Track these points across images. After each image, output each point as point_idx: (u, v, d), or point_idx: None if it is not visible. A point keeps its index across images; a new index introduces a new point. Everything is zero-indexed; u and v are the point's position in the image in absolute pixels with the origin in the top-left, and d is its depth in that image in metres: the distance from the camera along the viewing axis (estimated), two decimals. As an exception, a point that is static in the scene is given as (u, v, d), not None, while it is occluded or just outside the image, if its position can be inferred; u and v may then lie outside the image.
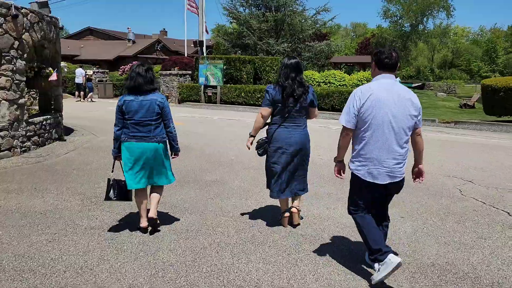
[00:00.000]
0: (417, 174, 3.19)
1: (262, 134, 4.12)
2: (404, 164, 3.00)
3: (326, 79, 20.07)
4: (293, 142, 3.90)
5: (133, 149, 3.83)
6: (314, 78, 20.32)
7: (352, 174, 3.09)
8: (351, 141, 3.09)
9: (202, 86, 20.40)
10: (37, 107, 10.39)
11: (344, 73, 21.29)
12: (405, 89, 2.97)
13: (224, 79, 20.45)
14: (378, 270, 2.96)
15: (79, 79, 20.74)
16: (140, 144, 3.81)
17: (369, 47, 50.24)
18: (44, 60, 8.86)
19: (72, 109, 16.40)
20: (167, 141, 4.02)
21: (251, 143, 4.11)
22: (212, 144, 9.05)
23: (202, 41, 22.45)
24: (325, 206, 4.99)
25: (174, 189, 5.51)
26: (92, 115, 14.31)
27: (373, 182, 2.97)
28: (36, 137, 7.99)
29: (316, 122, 13.58)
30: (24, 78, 7.60)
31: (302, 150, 3.97)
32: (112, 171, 4.13)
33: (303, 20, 25.18)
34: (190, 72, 22.32)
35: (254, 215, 4.63)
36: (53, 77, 8.34)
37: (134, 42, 42.05)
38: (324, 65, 28.56)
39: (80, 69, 21.31)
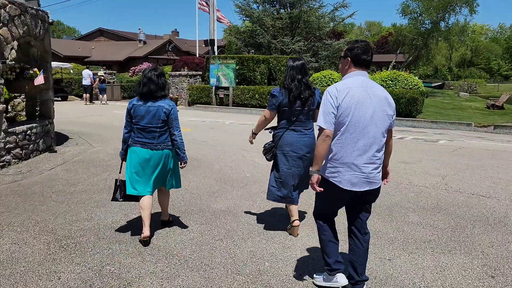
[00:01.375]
0: (383, 175, 2.93)
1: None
2: (381, 169, 2.78)
3: (346, 79, 18.64)
4: (302, 146, 3.81)
5: (137, 154, 3.78)
6: (333, 78, 18.94)
7: (326, 180, 2.73)
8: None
9: (213, 88, 19.21)
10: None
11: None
12: (379, 87, 2.73)
13: (237, 80, 19.22)
14: (323, 278, 3.01)
15: (86, 81, 19.72)
16: (144, 150, 3.76)
17: (386, 46, 48.62)
18: (31, 59, 7.72)
19: (74, 113, 15.40)
20: (174, 149, 3.89)
21: (254, 139, 4.26)
22: (222, 156, 7.78)
23: (213, 39, 21.25)
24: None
25: (173, 225, 4.25)
26: (93, 120, 13.20)
27: (351, 190, 2.68)
28: (18, 150, 6.84)
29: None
30: (2, 81, 6.45)
31: (310, 153, 3.78)
32: (120, 172, 4.12)
33: (320, 17, 23.75)
34: (200, 72, 21.15)
35: (281, 270, 3.32)
36: (39, 80, 7.18)
37: (145, 42, 41.45)
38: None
39: (87, 70, 20.29)
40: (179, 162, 3.97)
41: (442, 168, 7.03)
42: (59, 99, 22.41)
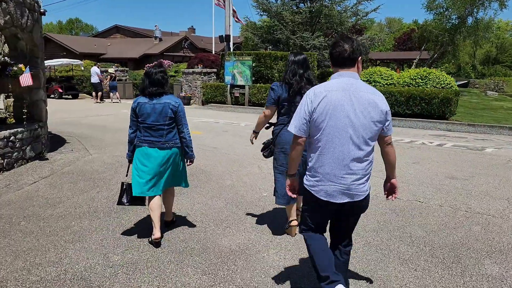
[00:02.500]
0: (390, 190, 2.69)
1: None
2: (367, 180, 2.46)
3: (371, 77, 17.32)
4: None
5: (144, 154, 3.68)
6: (356, 76, 17.63)
7: (306, 190, 2.51)
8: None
9: (229, 86, 18.13)
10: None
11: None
12: (368, 89, 2.40)
13: (253, 78, 18.10)
14: None
15: (94, 78, 18.91)
16: (152, 149, 3.66)
17: (408, 43, 46.68)
18: (19, 54, 6.76)
19: (81, 112, 14.54)
20: (182, 146, 3.80)
21: (255, 138, 4.08)
22: (236, 167, 6.67)
23: (229, 35, 20.16)
24: None
25: (164, 273, 3.16)
26: (98, 121, 12.27)
27: (329, 201, 2.43)
28: (-2, 159, 5.88)
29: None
30: (-23, 79, 5.50)
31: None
32: (127, 175, 3.98)
33: (342, 11, 22.37)
34: (215, 70, 20.11)
35: None
36: (25, 79, 6.19)
37: (160, 39, 40.87)
38: (362, 61, 25.73)
39: (95, 67, 19.46)
40: (186, 160, 3.90)
41: (503, 186, 5.76)
42: (70, 97, 21.75)
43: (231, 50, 20.16)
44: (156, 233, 3.60)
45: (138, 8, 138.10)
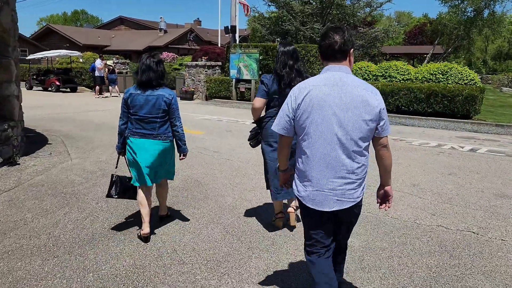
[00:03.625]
0: (383, 197, 2.39)
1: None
2: (359, 185, 2.21)
3: (386, 72, 16.16)
4: None
5: (136, 146, 3.55)
6: (370, 71, 16.48)
7: (297, 197, 2.31)
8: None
9: (234, 80, 17.04)
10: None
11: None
12: (359, 84, 2.13)
13: (260, 72, 16.97)
14: None
15: (98, 71, 17.82)
16: (143, 140, 3.54)
17: (419, 37, 45.07)
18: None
19: (77, 106, 13.46)
20: (174, 140, 3.70)
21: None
22: (239, 179, 5.61)
23: (235, 26, 18.99)
24: None
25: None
26: (91, 117, 11.25)
27: (316, 210, 2.20)
28: (-48, 167, 4.87)
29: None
30: None
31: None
32: (116, 167, 3.98)
33: (354, 1, 21.10)
34: (220, 63, 19.01)
35: None
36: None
37: (165, 31, 39.92)
38: (375, 55, 24.38)
39: (99, 60, 18.37)
40: (179, 154, 3.81)
41: None
42: (68, 90, 20.79)
43: (237, 42, 19.01)
44: (146, 229, 3.57)
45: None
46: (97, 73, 17.98)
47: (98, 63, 18.01)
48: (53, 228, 3.79)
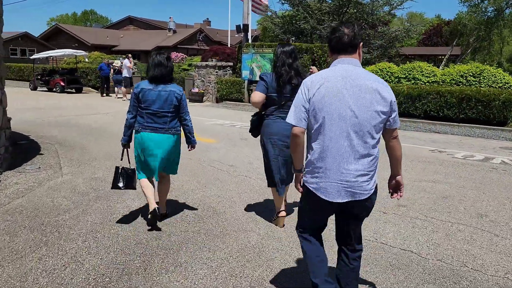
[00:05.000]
0: (394, 187, 2.47)
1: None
2: (371, 177, 2.21)
3: (409, 74, 15.04)
4: (289, 134, 2.97)
5: (147, 139, 3.67)
6: (392, 72, 15.37)
7: (304, 186, 2.34)
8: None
9: (246, 82, 16.05)
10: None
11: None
12: (370, 77, 2.17)
13: (275, 73, 15.98)
14: None
15: (125, 72, 16.63)
16: (155, 135, 3.67)
17: (433, 38, 43.59)
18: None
19: (79, 109, 12.42)
20: (184, 133, 3.91)
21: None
22: (263, 206, 4.59)
23: (247, 24, 18.00)
24: None
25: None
26: (92, 121, 10.31)
27: (328, 201, 2.20)
28: None
29: (403, 138, 8.81)
30: None
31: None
32: (121, 159, 3.88)
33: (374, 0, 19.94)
34: (231, 63, 18.04)
35: None
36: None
37: (174, 31, 39.20)
38: (393, 56, 23.14)
39: (126, 60, 17.16)
40: (188, 146, 3.98)
41: None
42: (73, 91, 19.99)
43: (250, 41, 18.02)
44: (152, 205, 3.65)
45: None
46: (125, 73, 16.77)
47: (127, 62, 16.91)
48: (18, 284, 2.80)
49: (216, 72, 17.06)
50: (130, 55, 18.56)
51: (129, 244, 3.41)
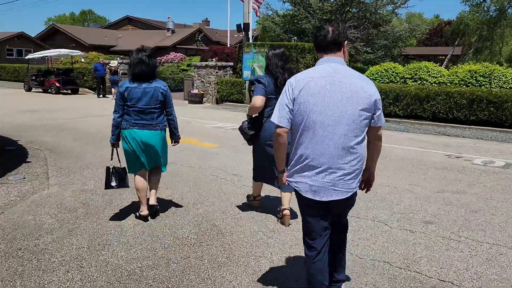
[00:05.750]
0: (365, 181, 2.47)
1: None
2: (356, 175, 2.24)
3: (416, 74, 14.59)
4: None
5: (135, 136, 3.73)
6: (397, 73, 14.93)
7: (293, 188, 2.34)
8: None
9: (247, 82, 15.53)
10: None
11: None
12: (354, 75, 2.20)
13: (276, 73, 15.49)
14: None
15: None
16: (143, 131, 3.74)
17: (433, 38, 43.06)
18: None
19: (73, 111, 11.89)
20: (169, 128, 3.99)
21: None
22: (273, 224, 4.08)
23: (248, 23, 17.48)
24: None
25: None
26: (87, 124, 9.80)
27: (314, 200, 2.23)
28: None
29: (413, 142, 8.34)
30: None
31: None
32: (111, 159, 3.93)
33: (377, -2, 19.45)
34: (232, 64, 17.54)
35: None
36: None
37: (173, 31, 38.71)
38: (396, 56, 22.68)
39: (120, 60, 16.69)
40: (172, 141, 4.04)
41: None
42: (69, 92, 19.46)
43: (250, 41, 17.51)
44: (144, 210, 3.85)
45: None
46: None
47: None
48: (-17, 331, 2.29)
49: (216, 72, 16.55)
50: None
51: (120, 276, 2.89)
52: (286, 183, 2.37)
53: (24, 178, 5.19)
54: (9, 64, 28.42)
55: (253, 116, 3.88)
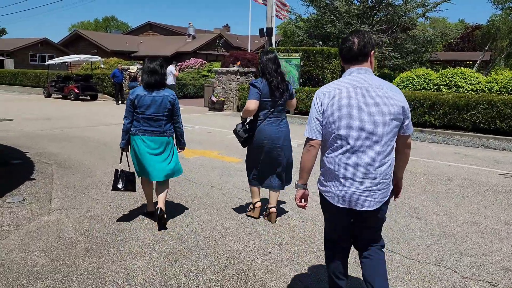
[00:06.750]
0: (393, 187, 2.37)
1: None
2: (387, 184, 2.23)
3: (451, 81, 13.57)
4: (281, 136, 3.95)
5: (144, 142, 3.86)
6: (430, 79, 13.95)
7: (320, 196, 2.34)
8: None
9: (270, 89, 14.79)
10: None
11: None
12: (384, 84, 2.18)
13: (301, 80, 14.73)
14: None
15: (170, 79, 15.25)
16: (151, 138, 3.86)
17: (461, 43, 41.41)
18: None
19: (89, 118, 11.44)
20: (175, 136, 4.10)
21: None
22: (318, 267, 3.32)
23: (271, 28, 16.84)
24: None
25: None
26: (103, 132, 9.25)
27: (345, 208, 2.23)
28: None
29: (458, 157, 7.40)
30: None
31: (287, 143, 4.03)
32: (120, 162, 4.08)
33: (406, 1, 18.43)
34: (254, 70, 16.87)
35: None
36: None
37: (194, 37, 38.52)
38: (423, 61, 21.51)
39: (171, 66, 15.98)
40: (178, 147, 4.16)
41: None
42: (88, 98, 19.17)
43: (274, 45, 16.82)
44: (150, 207, 4.13)
45: (172, 5, 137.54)
46: (169, 81, 15.34)
47: (172, 69, 15.69)
48: None
49: (238, 78, 15.90)
50: (176, 62, 17.26)
51: None
52: (301, 204, 2.36)
53: (24, 200, 4.56)
54: (30, 70, 28.54)
55: (248, 119, 3.98)
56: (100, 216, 4.14)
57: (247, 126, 3.97)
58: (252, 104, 3.78)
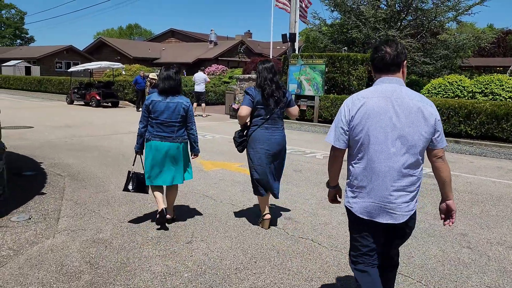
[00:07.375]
0: (446, 213, 2.27)
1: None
2: (412, 198, 2.16)
3: (487, 88, 12.76)
4: (274, 144, 3.97)
5: (156, 147, 3.94)
6: (464, 86, 13.16)
7: (347, 209, 2.29)
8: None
9: (293, 96, 14.30)
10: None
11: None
12: (414, 96, 2.12)
13: (325, 87, 14.17)
14: None
15: (200, 86, 15.00)
16: (163, 143, 3.94)
17: (491, 48, 39.82)
18: None
19: (110, 126, 11.13)
20: (189, 142, 4.16)
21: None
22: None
23: (294, 33, 16.35)
24: None
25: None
26: (121, 142, 8.94)
27: (370, 220, 2.17)
28: None
29: (502, 172, 6.71)
30: None
31: (282, 151, 4.07)
32: (133, 165, 4.25)
33: (436, 5, 17.67)
34: (276, 76, 16.37)
35: None
36: None
37: (215, 44, 38.46)
38: (454, 67, 20.52)
39: (201, 73, 15.61)
40: (191, 154, 4.22)
41: None
42: (109, 105, 19.11)
43: (297, 51, 16.33)
44: (161, 206, 3.98)
45: (195, 12, 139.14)
46: (200, 88, 15.04)
47: (201, 76, 15.25)
48: None
49: (259, 85, 15.47)
50: (203, 68, 16.83)
51: None
52: (336, 201, 2.42)
53: (30, 218, 4.21)
54: (55, 76, 28.96)
55: (245, 125, 4.05)
56: (109, 240, 3.73)
57: (243, 132, 4.09)
58: (243, 110, 3.88)
